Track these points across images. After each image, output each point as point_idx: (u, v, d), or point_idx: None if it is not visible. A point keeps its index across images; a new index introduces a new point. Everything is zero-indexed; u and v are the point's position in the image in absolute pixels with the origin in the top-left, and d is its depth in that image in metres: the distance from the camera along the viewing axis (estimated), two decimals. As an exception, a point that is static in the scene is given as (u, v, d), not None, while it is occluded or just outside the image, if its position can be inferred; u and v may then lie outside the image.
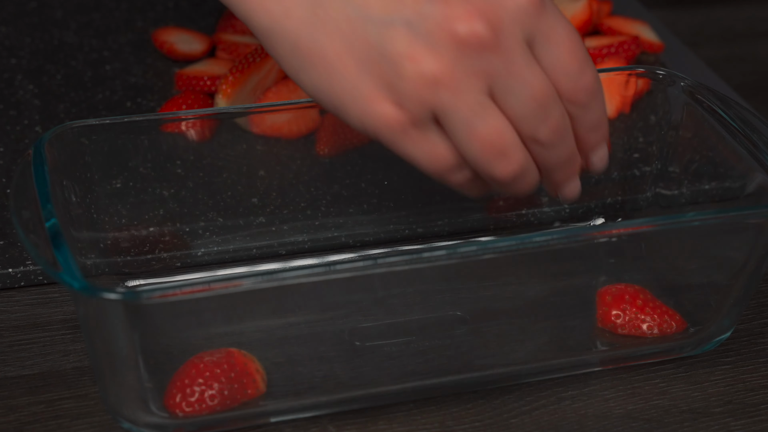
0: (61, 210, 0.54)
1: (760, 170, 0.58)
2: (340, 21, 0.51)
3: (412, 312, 0.57)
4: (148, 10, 0.88)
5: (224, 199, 0.64)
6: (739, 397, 0.57)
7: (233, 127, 0.63)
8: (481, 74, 0.50)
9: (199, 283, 0.48)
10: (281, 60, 0.52)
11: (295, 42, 0.51)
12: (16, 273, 0.62)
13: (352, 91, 0.51)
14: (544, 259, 0.58)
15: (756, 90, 0.84)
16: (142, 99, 0.77)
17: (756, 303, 0.63)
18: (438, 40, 0.49)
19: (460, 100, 0.50)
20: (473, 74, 0.50)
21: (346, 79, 0.51)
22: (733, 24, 0.93)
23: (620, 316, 0.58)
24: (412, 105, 0.50)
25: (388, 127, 0.51)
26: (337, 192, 0.66)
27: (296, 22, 0.51)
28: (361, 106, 0.51)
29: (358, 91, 0.51)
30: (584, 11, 0.82)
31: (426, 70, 0.49)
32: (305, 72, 0.52)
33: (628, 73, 0.65)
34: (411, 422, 0.55)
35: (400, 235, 0.66)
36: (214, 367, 0.53)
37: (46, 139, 0.56)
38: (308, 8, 0.51)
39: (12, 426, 0.54)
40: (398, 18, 0.50)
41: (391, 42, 0.50)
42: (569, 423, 0.55)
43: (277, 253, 0.64)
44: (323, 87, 0.51)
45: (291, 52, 0.52)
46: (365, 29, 0.50)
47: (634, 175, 0.68)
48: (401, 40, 0.50)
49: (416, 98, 0.50)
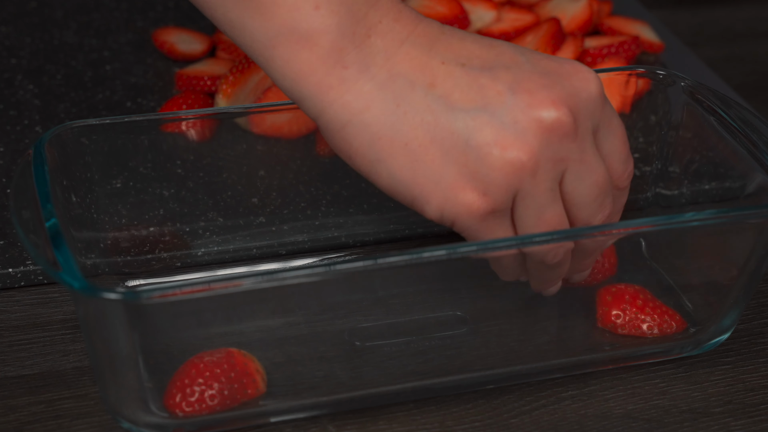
0: (61, 210, 0.54)
1: (760, 170, 0.58)
2: (423, 111, 0.51)
3: (412, 312, 0.57)
4: (148, 10, 0.88)
5: (224, 199, 0.64)
6: (739, 397, 0.57)
7: (233, 127, 0.63)
8: (559, 161, 0.51)
9: (199, 283, 0.48)
10: (356, 153, 0.52)
11: (376, 133, 0.51)
12: (16, 273, 0.62)
13: (437, 179, 0.51)
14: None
15: (756, 90, 0.84)
16: (142, 99, 0.77)
17: (756, 303, 0.63)
18: (524, 128, 0.50)
19: (540, 185, 0.51)
20: (553, 160, 0.51)
21: (431, 168, 0.51)
22: (733, 24, 0.93)
23: (620, 316, 0.58)
24: (497, 192, 0.51)
25: (470, 214, 0.51)
26: (337, 192, 0.66)
27: (377, 114, 0.51)
28: (445, 195, 0.51)
29: (443, 179, 0.51)
30: (584, 11, 0.82)
31: (514, 157, 0.50)
32: (383, 163, 0.52)
33: (628, 73, 0.65)
34: (411, 422, 0.55)
35: (400, 235, 0.66)
36: (214, 367, 0.53)
37: (46, 139, 0.56)
38: (390, 101, 0.51)
39: (12, 426, 0.54)
40: (482, 109, 0.51)
41: (478, 131, 0.51)
42: (569, 423, 0.55)
43: (277, 253, 0.64)
44: (404, 177, 0.52)
45: (369, 144, 0.51)
46: (450, 119, 0.51)
47: (634, 175, 0.68)
48: (487, 129, 0.51)
49: (503, 185, 0.51)
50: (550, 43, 0.77)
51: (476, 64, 0.52)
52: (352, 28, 0.51)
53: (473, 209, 0.51)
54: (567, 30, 0.80)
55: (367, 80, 0.51)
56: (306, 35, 0.51)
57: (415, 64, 0.52)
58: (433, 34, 0.53)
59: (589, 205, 0.53)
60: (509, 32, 0.80)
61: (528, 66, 0.52)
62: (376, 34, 0.52)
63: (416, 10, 0.54)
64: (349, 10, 0.51)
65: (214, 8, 0.53)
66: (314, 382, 0.55)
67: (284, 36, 0.51)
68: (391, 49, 0.52)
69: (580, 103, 0.52)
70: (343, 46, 0.51)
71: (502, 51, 0.53)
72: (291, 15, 0.51)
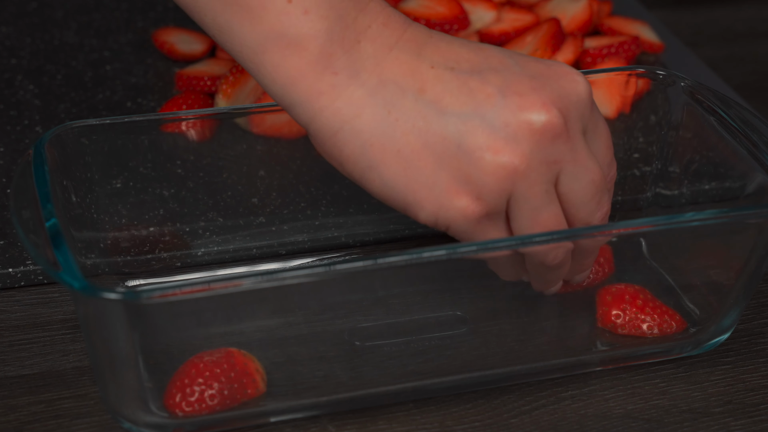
0: (61, 210, 0.54)
1: (760, 170, 0.58)
2: (414, 117, 0.51)
3: (412, 312, 0.57)
4: (148, 10, 0.88)
5: (224, 199, 0.64)
6: (739, 397, 0.57)
7: (233, 127, 0.63)
8: (552, 163, 0.51)
9: (199, 283, 0.48)
10: (347, 160, 0.52)
11: (367, 140, 0.51)
12: (16, 273, 0.62)
13: (430, 185, 0.51)
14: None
15: (756, 90, 0.84)
16: (142, 99, 0.77)
17: (756, 303, 0.63)
18: (515, 132, 0.51)
19: (534, 188, 0.51)
20: (545, 163, 0.51)
21: (424, 174, 0.51)
22: (733, 24, 0.93)
23: (620, 316, 0.58)
24: (490, 196, 0.51)
25: (464, 219, 0.51)
26: (337, 192, 0.66)
27: (368, 121, 0.51)
28: (438, 200, 0.51)
29: (436, 185, 0.51)
30: (584, 11, 0.82)
31: (506, 161, 0.50)
32: (375, 170, 0.51)
33: (628, 73, 0.65)
34: (411, 422, 0.55)
35: (400, 235, 0.66)
36: (214, 367, 0.53)
37: (46, 139, 0.56)
38: (381, 107, 0.51)
39: (12, 426, 0.54)
40: (473, 113, 0.51)
41: (469, 136, 0.51)
42: (569, 423, 0.55)
43: (277, 253, 0.64)
44: (397, 184, 0.51)
45: (360, 151, 0.51)
46: (441, 124, 0.51)
47: (634, 175, 0.68)
48: (479, 133, 0.51)
49: (496, 189, 0.51)
50: (550, 43, 0.77)
51: (465, 68, 0.52)
52: (341, 33, 0.51)
53: (467, 213, 0.51)
54: (567, 30, 0.80)
55: (358, 86, 0.51)
56: (295, 40, 0.51)
57: (405, 69, 0.51)
58: (422, 38, 0.52)
59: (587, 204, 0.53)
60: (509, 32, 0.80)
61: (517, 68, 0.52)
62: (366, 39, 0.51)
63: (404, 14, 0.54)
64: (338, 15, 0.51)
65: (203, 13, 0.52)
66: (314, 382, 0.55)
67: (273, 41, 0.51)
68: (380, 54, 0.51)
69: (570, 105, 0.52)
70: (332, 52, 0.51)
71: (490, 54, 0.53)
72: (279, 20, 0.51)
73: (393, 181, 0.51)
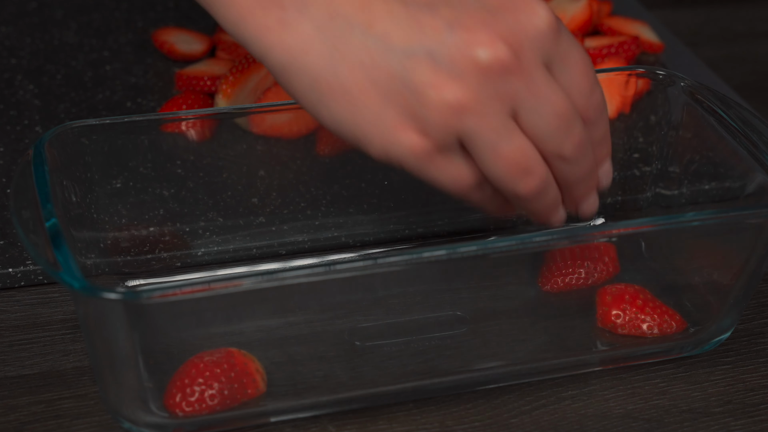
0: (61, 210, 0.54)
1: (760, 170, 0.58)
2: (360, 53, 0.51)
3: (412, 312, 0.57)
4: (148, 10, 0.88)
5: (224, 199, 0.64)
6: (739, 397, 0.57)
7: (233, 127, 0.63)
8: (505, 97, 0.51)
9: (199, 283, 0.48)
10: (299, 95, 0.52)
11: (315, 76, 0.51)
12: (16, 273, 0.62)
13: (376, 121, 0.51)
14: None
15: (756, 90, 0.84)
16: (142, 99, 0.77)
17: (756, 303, 0.63)
18: (461, 67, 0.50)
19: (484, 124, 0.50)
20: (497, 98, 0.50)
21: (370, 110, 0.51)
22: (733, 24, 0.93)
23: (620, 316, 0.58)
24: (437, 132, 0.50)
25: (413, 155, 0.51)
26: (337, 192, 0.66)
27: (316, 57, 0.51)
28: (385, 136, 0.51)
29: (382, 121, 0.51)
30: (584, 11, 0.82)
31: (450, 97, 0.50)
32: (325, 105, 0.51)
33: (628, 73, 0.65)
34: (411, 422, 0.55)
35: (400, 235, 0.66)
36: (214, 367, 0.53)
37: (46, 139, 0.56)
38: (328, 43, 0.51)
39: (12, 426, 0.54)
40: (419, 48, 0.50)
41: (414, 72, 0.50)
42: (569, 423, 0.55)
43: (277, 253, 0.64)
44: (345, 119, 0.51)
45: (310, 87, 0.51)
46: (387, 60, 0.50)
47: (634, 175, 0.68)
48: (424, 69, 0.50)
49: (441, 125, 0.50)
50: (550, 43, 0.77)
51: (420, 1, 0.51)
52: None
53: (416, 150, 0.51)
54: (567, 30, 0.80)
55: (306, 21, 0.51)
56: None
57: (356, 2, 0.51)
58: None
59: (552, 135, 0.52)
60: (509, 32, 0.80)
61: (473, 2, 0.51)
62: None
63: None
64: None
65: None
66: (314, 382, 0.55)
67: None
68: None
69: (524, 38, 0.50)
70: None
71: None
72: None
73: (341, 117, 0.51)
